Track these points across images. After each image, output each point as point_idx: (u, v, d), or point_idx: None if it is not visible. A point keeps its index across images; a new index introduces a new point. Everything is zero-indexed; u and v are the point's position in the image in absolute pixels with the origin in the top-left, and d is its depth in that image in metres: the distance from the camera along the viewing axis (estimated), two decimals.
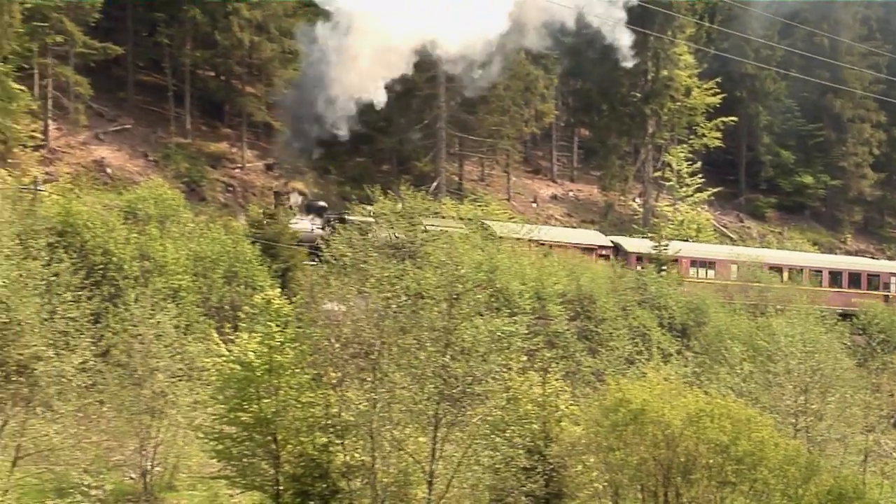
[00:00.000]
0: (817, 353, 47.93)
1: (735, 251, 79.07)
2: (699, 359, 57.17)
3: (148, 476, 40.60)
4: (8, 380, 34.79)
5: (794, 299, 66.00)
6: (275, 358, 34.29)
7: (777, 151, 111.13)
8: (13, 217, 40.59)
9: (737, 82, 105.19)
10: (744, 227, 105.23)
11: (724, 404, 37.92)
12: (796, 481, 37.00)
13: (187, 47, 79.84)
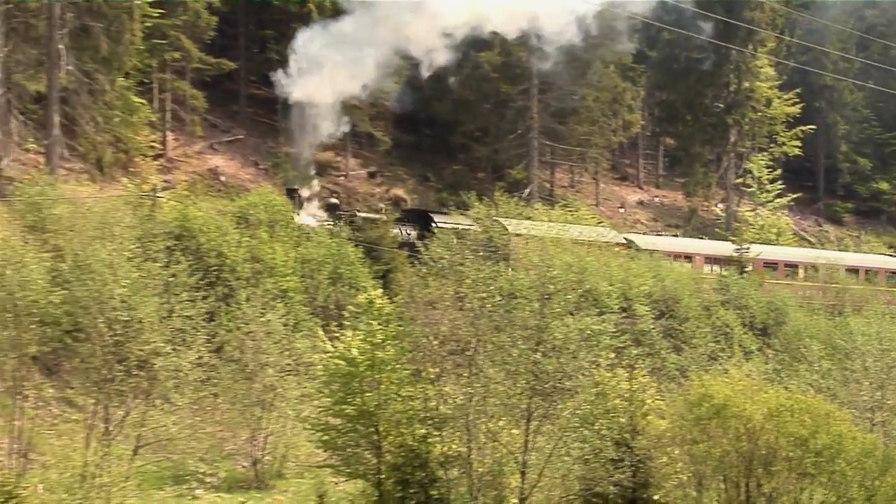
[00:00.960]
0: (893, 350, 47.36)
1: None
2: (779, 356, 56.61)
3: (259, 464, 40.89)
4: (129, 374, 35.12)
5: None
6: (377, 354, 34.38)
7: (854, 159, 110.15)
8: (134, 222, 41.05)
9: (816, 93, 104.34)
10: (822, 231, 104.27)
11: (803, 400, 37.59)
12: (873, 473, 36.58)
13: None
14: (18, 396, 37.43)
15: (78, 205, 47.17)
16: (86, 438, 35.06)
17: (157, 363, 35.43)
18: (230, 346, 41.39)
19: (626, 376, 37.16)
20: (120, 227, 38.46)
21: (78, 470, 30.82)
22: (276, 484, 40.73)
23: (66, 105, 64.19)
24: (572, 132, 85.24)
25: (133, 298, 35.11)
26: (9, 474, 33.32)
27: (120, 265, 35.50)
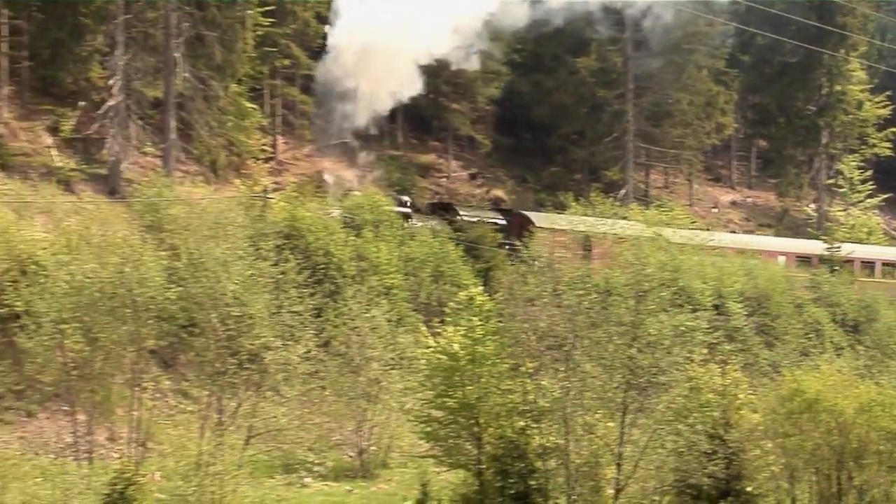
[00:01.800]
0: None
1: None
2: (870, 353, 55.99)
3: (364, 454, 41.07)
4: (241, 367, 35.44)
5: None
6: (477, 349, 34.40)
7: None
8: (246, 222, 41.38)
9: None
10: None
11: (894, 395, 37.17)
12: None
13: None
14: (137, 388, 37.95)
15: (193, 205, 47.66)
16: (200, 428, 35.46)
17: (267, 357, 35.72)
18: (337, 340, 41.59)
19: (720, 371, 36.89)
20: (232, 226, 38.84)
21: (193, 458, 31.12)
22: (380, 473, 40.89)
23: (182, 110, 64.90)
24: (667, 135, 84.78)
25: (245, 295, 35.42)
26: (128, 462, 33.73)
27: (232, 263, 35.84)
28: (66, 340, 36.60)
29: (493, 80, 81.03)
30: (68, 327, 36.29)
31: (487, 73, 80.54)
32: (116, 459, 36.88)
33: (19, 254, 41.58)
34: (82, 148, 62.89)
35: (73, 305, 36.54)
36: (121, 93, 62.26)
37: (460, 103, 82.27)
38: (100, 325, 36.58)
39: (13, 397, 40.61)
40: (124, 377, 38.83)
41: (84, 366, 37.32)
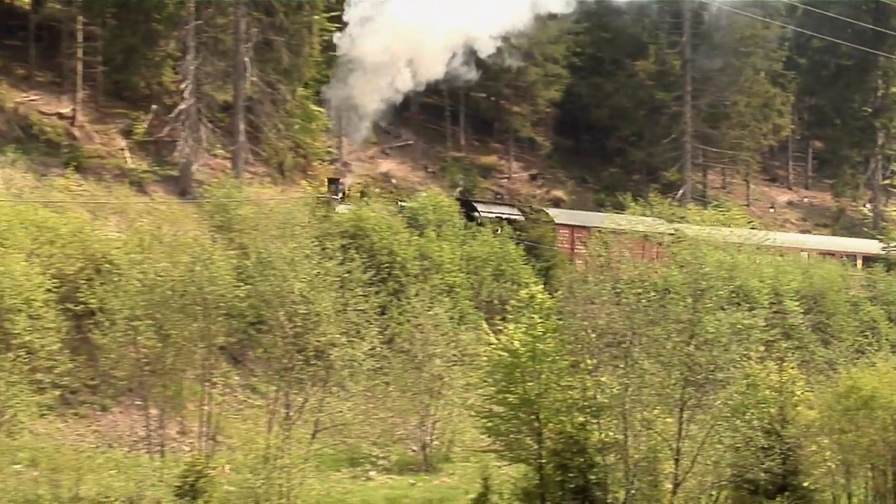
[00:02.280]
0: None
1: None
2: None
3: (427, 449, 41.15)
4: (308, 363, 35.57)
5: None
6: (538, 346, 34.39)
7: None
8: (312, 222, 41.53)
9: None
10: None
11: None
12: None
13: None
14: (207, 384, 38.20)
15: (261, 206, 47.92)
16: (268, 423, 35.62)
17: (333, 353, 35.81)
18: (400, 337, 41.68)
19: (776, 368, 36.73)
20: (299, 226, 38.96)
21: (261, 452, 31.31)
22: (443, 467, 40.95)
23: (251, 113, 65.27)
24: (724, 136, 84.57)
25: (311, 293, 35.53)
26: (199, 455, 34.01)
27: (299, 262, 35.97)
28: (138, 337, 36.89)
29: (553, 83, 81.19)
30: (141, 324, 36.58)
31: (548, 76, 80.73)
32: (187, 453, 37.18)
33: (94, 253, 41.96)
34: (154, 150, 63.41)
35: (145, 303, 36.84)
36: (192, 96, 62.74)
37: (521, 106, 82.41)
38: (171, 322, 36.86)
39: (88, 392, 40.97)
40: (195, 373, 39.10)
41: (156, 361, 37.62)
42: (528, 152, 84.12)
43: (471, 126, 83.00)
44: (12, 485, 29.32)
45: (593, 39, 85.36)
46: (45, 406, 37.78)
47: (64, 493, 28.67)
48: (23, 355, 36.65)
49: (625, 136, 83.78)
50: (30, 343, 37.06)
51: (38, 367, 37.44)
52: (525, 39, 78.18)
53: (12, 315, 36.87)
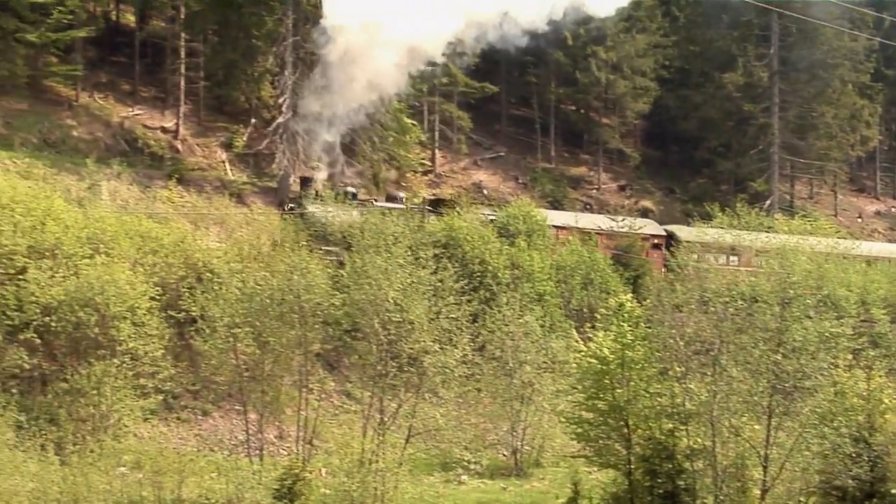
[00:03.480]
0: None
1: None
2: None
3: (518, 454, 41.06)
4: (401, 370, 35.64)
5: None
6: (627, 354, 34.18)
7: None
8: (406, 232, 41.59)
9: None
10: None
11: None
12: None
13: (552, 85, 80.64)
14: (304, 389, 38.42)
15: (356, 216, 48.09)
16: (363, 428, 35.71)
17: (426, 360, 35.85)
18: (492, 345, 41.64)
19: (864, 376, 36.18)
20: (393, 236, 39.01)
21: (356, 456, 31.41)
22: (533, 472, 40.84)
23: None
24: (811, 147, 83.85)
25: (405, 301, 35.58)
26: (296, 459, 34.16)
27: (393, 271, 36.04)
28: (238, 344, 37.20)
29: (642, 96, 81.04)
30: (240, 331, 36.88)
31: (637, 88, 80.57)
32: (285, 456, 37.39)
33: (195, 262, 42.37)
34: (253, 162, 63.98)
35: (244, 311, 37.13)
36: (290, 111, 63.14)
37: (610, 118, 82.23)
38: (270, 330, 37.11)
39: (190, 397, 41.37)
40: (292, 379, 39.34)
41: (255, 368, 37.91)
42: (616, 163, 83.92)
43: (561, 138, 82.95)
44: (118, 486, 29.66)
45: (682, 52, 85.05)
46: (148, 411, 38.23)
47: (167, 494, 28.95)
48: (127, 361, 37.13)
49: (713, 147, 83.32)
50: (134, 349, 37.53)
51: (142, 372, 37.90)
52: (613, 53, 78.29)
53: (117, 322, 37.35)
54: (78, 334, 37.24)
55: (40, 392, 37.30)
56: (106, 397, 36.15)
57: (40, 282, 37.30)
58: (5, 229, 38.87)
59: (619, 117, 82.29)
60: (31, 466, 28.56)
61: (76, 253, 39.14)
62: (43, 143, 57.44)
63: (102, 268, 38.24)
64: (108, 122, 61.81)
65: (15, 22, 57.80)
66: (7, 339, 36.92)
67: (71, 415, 36.02)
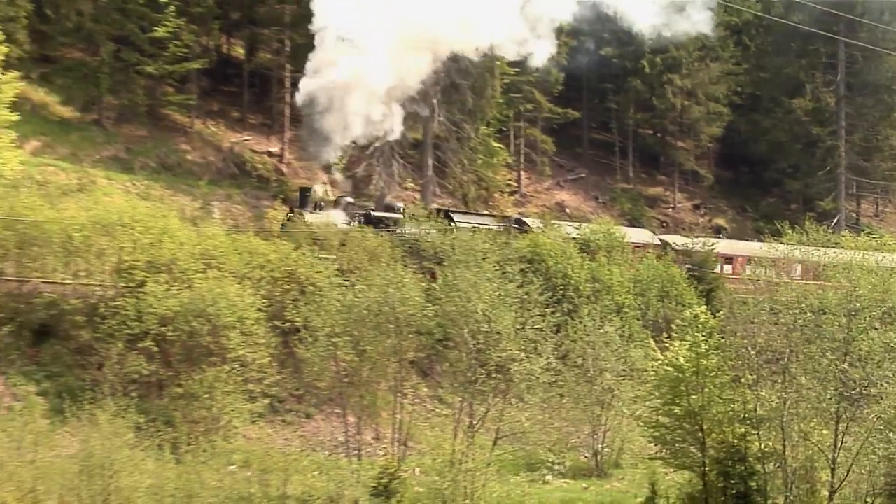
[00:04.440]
0: None
1: None
2: None
3: (599, 455, 40.86)
4: (489, 376, 35.57)
5: None
6: (701, 362, 33.90)
7: None
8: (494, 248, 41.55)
9: None
10: None
11: None
12: None
13: (630, 111, 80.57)
14: (399, 394, 38.50)
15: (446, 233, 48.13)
16: (454, 430, 35.68)
17: (512, 368, 35.76)
18: (574, 353, 41.47)
19: None
20: (482, 252, 39.01)
21: (447, 457, 31.38)
22: (613, 472, 40.61)
23: (438, 150, 65.92)
24: (877, 168, 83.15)
25: (493, 313, 35.52)
26: (392, 459, 34.24)
27: (482, 285, 36.03)
28: (338, 352, 37.33)
29: (715, 120, 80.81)
30: (340, 340, 37.01)
31: (710, 113, 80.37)
32: (381, 456, 37.45)
33: (299, 276, 42.62)
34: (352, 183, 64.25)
35: (344, 321, 37.27)
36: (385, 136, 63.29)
37: (685, 141, 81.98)
38: (367, 339, 37.23)
39: (294, 401, 41.57)
40: (388, 384, 39.44)
41: (354, 374, 38.03)
42: (691, 184, 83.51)
43: (638, 160, 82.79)
44: (228, 483, 29.88)
45: (752, 79, 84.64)
46: (256, 413, 38.47)
47: (273, 491, 29.10)
48: (237, 368, 37.44)
49: (782, 168, 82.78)
50: (243, 357, 37.83)
51: (250, 378, 38.17)
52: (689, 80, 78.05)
53: (228, 332, 37.66)
54: (191, 343, 37.60)
55: (157, 396, 37.71)
56: (217, 401, 36.47)
57: (157, 294, 37.71)
58: (126, 246, 39.40)
59: (694, 140, 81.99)
60: (149, 464, 28.84)
61: (190, 268, 39.53)
62: (160, 167, 58.23)
63: (214, 281, 38.61)
64: (220, 147, 62.50)
65: (136, 55, 58.66)
66: (127, 347, 37.35)
67: (185, 417, 36.37)
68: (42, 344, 38.56)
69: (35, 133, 53.34)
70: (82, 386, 36.75)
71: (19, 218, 39.07)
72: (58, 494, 26.20)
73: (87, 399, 32.79)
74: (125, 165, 56.38)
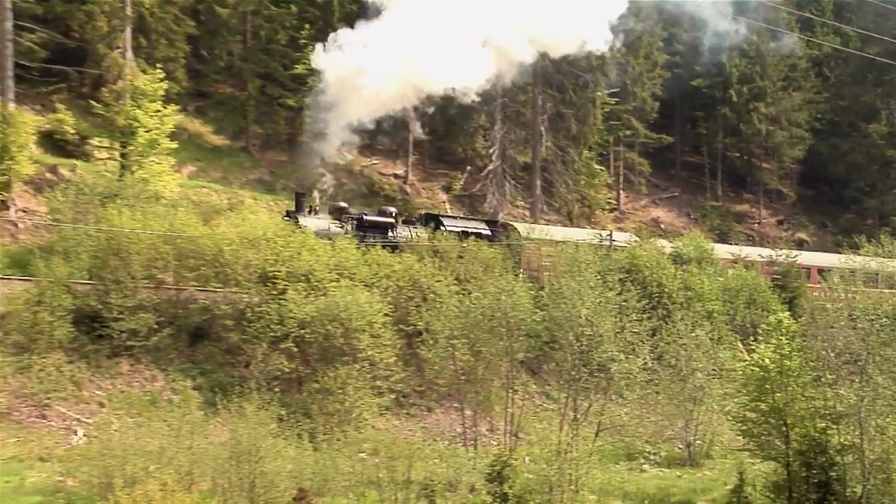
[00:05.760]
0: None
1: None
2: None
3: (691, 447, 40.40)
4: (592, 375, 35.43)
5: None
6: (785, 363, 33.35)
7: None
8: (595, 260, 41.36)
9: None
10: None
11: None
12: None
13: (719, 136, 79.91)
14: (511, 391, 38.50)
15: (553, 246, 48.02)
16: (559, 423, 35.57)
17: (613, 367, 35.59)
18: (668, 354, 41.08)
19: None
20: (585, 263, 38.87)
21: (554, 447, 31.26)
22: (704, 462, 40.11)
23: (545, 172, 65.93)
24: None
25: (595, 318, 35.39)
26: (504, 449, 34.20)
27: (585, 293, 35.89)
28: (456, 353, 37.47)
29: (797, 144, 79.94)
30: (458, 342, 37.13)
31: (793, 138, 79.63)
32: (495, 446, 37.40)
33: (421, 285, 42.82)
34: (468, 202, 64.58)
35: (461, 325, 37.39)
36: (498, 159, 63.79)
37: (770, 162, 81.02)
38: (482, 341, 37.29)
39: (416, 396, 41.74)
40: (500, 382, 39.46)
41: (470, 372, 38.12)
42: (775, 201, 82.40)
43: (726, 180, 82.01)
44: (359, 469, 30.11)
45: (832, 106, 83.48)
46: (383, 407, 38.75)
47: (398, 476, 29.22)
48: (366, 366, 37.76)
49: (859, 187, 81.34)
50: (371, 356, 38.15)
51: (378, 375, 38.48)
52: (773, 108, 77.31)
53: (358, 334, 38.01)
54: (326, 344, 37.98)
55: (297, 391, 38.14)
56: (349, 396, 36.80)
57: (297, 301, 38.17)
58: (269, 258, 39.94)
59: (778, 162, 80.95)
60: (290, 452, 29.15)
61: (325, 277, 39.95)
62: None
63: (346, 290, 38.98)
64: (351, 171, 63.08)
65: (278, 90, 59.55)
66: (271, 348, 37.85)
67: (321, 410, 36.74)
68: (197, 345, 39.27)
69: (191, 159, 54.43)
70: (231, 382, 37.38)
71: (178, 234, 39.82)
72: (211, 477, 26.60)
73: (236, 393, 33.30)
74: (268, 187, 57.20)
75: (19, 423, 34.12)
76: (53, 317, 36.31)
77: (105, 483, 24.80)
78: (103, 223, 39.40)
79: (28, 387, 35.16)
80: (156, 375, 37.77)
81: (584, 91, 65.99)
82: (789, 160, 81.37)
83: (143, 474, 24.81)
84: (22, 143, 45.28)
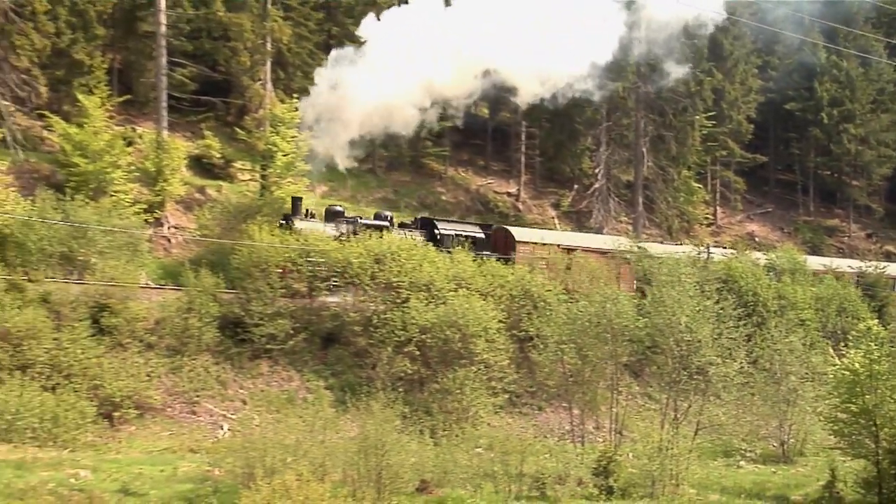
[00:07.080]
0: None
1: None
2: None
3: (785, 445, 39.59)
4: (691, 378, 34.96)
5: None
6: (874, 367, 32.46)
7: None
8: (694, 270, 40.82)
9: None
10: None
11: None
12: None
13: (811, 155, 78.43)
14: (615, 392, 38.12)
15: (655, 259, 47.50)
16: (661, 422, 35.14)
17: (711, 371, 35.08)
18: (763, 359, 40.31)
19: None
20: (684, 274, 38.37)
21: (655, 444, 30.90)
22: (798, 460, 39.26)
23: (647, 190, 65.34)
24: None
25: (694, 325, 34.94)
26: (609, 445, 33.92)
27: (684, 301, 35.45)
28: (564, 356, 37.24)
29: (885, 162, 78.48)
30: (566, 346, 36.91)
31: (881, 156, 78.00)
32: (601, 443, 37.16)
33: (532, 294, 42.72)
34: (576, 218, 64.32)
35: (569, 331, 37.16)
36: (603, 178, 63.41)
37: (859, 180, 79.41)
38: (588, 346, 36.99)
39: (528, 396, 41.64)
40: (605, 383, 39.08)
41: (577, 375, 37.84)
42: (864, 216, 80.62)
43: (818, 196, 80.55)
44: (476, 462, 30.10)
45: None
46: (497, 406, 38.72)
47: (512, 469, 29.15)
48: (482, 369, 37.77)
49: None
50: (487, 360, 38.18)
51: (493, 377, 38.47)
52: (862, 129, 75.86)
53: (474, 339, 38.08)
54: (446, 348, 38.13)
55: (419, 391, 38.33)
56: (466, 395, 36.86)
57: (419, 308, 38.40)
58: (394, 270, 40.21)
59: (866, 179, 79.34)
60: (413, 446, 29.22)
61: (444, 287, 40.11)
62: (421, 206, 59.31)
63: (463, 298, 39.08)
64: (468, 189, 63.35)
65: None
66: (395, 351, 38.12)
67: (441, 408, 36.87)
68: (329, 348, 39.71)
69: (323, 179, 55.06)
70: (360, 382, 37.72)
71: (311, 247, 40.33)
72: (341, 468, 26.79)
73: (364, 393, 33.57)
74: (393, 205, 57.60)
75: (172, 419, 34.90)
76: (202, 322, 37.07)
77: (247, 473, 25.14)
78: (246, 238, 40.09)
79: (180, 385, 35.94)
80: (292, 376, 38.28)
81: (683, 115, 65.35)
82: (877, 177, 79.67)
83: (281, 465, 25.07)
84: (174, 166, 46.45)
